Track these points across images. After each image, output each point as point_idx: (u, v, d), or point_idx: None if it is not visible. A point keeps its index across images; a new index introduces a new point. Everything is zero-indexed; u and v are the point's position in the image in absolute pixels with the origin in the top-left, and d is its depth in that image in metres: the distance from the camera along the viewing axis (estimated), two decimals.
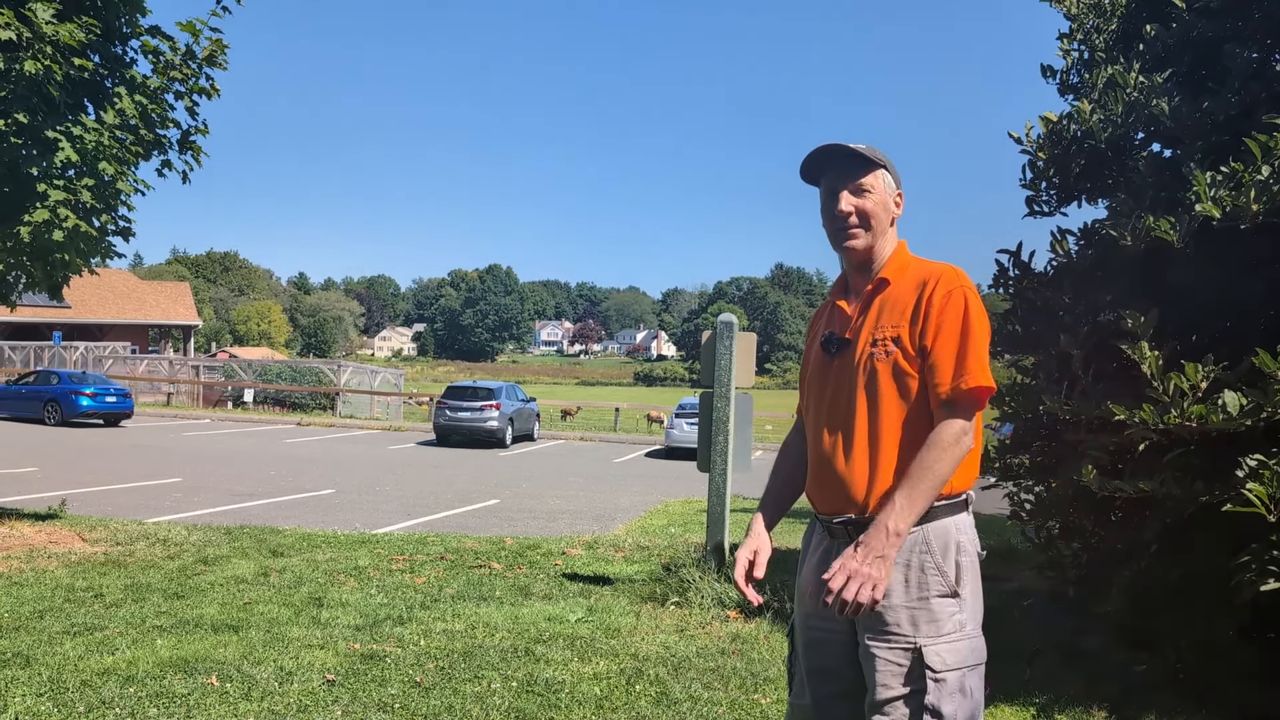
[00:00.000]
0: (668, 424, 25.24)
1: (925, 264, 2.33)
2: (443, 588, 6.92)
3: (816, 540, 2.39)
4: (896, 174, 2.39)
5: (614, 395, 70.93)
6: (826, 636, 2.31)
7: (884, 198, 2.33)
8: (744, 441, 7.32)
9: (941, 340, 2.18)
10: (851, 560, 2.08)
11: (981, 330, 2.19)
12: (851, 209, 2.31)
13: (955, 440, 2.13)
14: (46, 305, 36.15)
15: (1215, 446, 4.32)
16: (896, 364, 2.20)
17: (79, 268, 7.90)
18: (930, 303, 2.20)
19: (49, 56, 6.86)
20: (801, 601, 2.41)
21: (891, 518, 2.08)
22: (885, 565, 2.07)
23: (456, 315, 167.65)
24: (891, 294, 2.28)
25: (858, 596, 2.04)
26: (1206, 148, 4.81)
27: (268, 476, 15.41)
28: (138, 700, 4.29)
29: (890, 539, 2.07)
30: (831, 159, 2.35)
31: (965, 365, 2.15)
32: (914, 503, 2.09)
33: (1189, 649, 4.88)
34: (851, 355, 2.28)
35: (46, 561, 7.34)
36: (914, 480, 2.10)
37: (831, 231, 2.36)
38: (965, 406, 2.15)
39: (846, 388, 2.27)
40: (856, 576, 2.06)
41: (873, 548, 2.07)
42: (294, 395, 33.82)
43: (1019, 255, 5.74)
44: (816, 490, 2.35)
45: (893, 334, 2.22)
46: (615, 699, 4.57)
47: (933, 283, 2.23)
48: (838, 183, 2.33)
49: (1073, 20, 6.12)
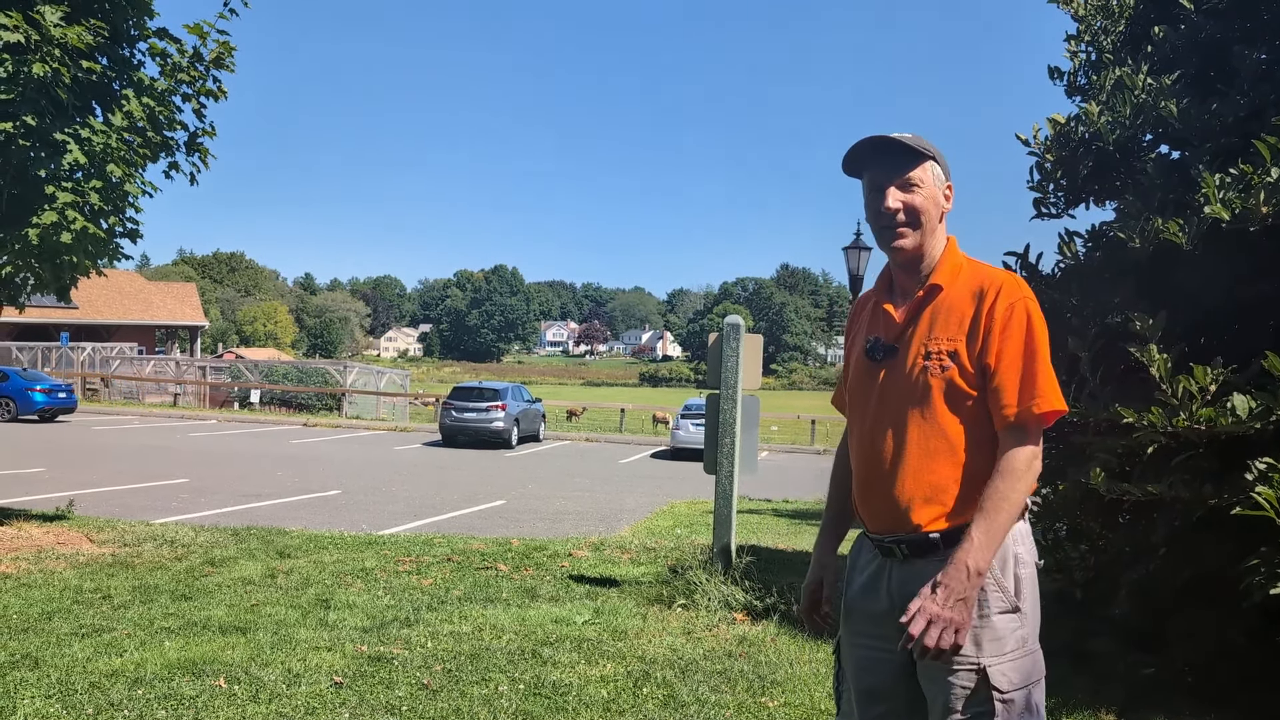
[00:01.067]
0: (673, 425, 25.25)
1: (980, 268, 2.20)
2: (449, 589, 6.93)
3: (866, 557, 2.27)
4: (946, 164, 2.23)
5: (619, 396, 70.92)
6: (877, 656, 2.21)
7: (933, 192, 2.18)
8: (750, 444, 7.32)
9: (1007, 359, 2.07)
10: (931, 603, 1.96)
11: (1046, 346, 2.09)
12: (899, 206, 2.16)
13: (1028, 466, 2.04)
14: (54, 306, 36.23)
15: (1224, 449, 4.30)
16: (952, 380, 2.10)
17: (87, 269, 7.92)
18: (991, 317, 2.08)
19: (57, 59, 6.88)
20: (849, 620, 2.30)
21: (971, 556, 1.97)
22: (967, 608, 1.97)
23: (462, 316, 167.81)
24: (945, 302, 2.16)
25: (939, 643, 1.94)
26: (1215, 150, 4.80)
27: (274, 477, 15.44)
28: (146, 702, 4.30)
29: (971, 579, 1.96)
30: (876, 151, 2.19)
31: (1036, 386, 2.05)
32: (993, 537, 1.99)
33: (1197, 652, 4.87)
34: (901, 366, 2.16)
35: (54, 563, 7.36)
36: (990, 513, 2.00)
37: (877, 230, 2.22)
38: (1035, 430, 2.06)
39: (895, 400, 2.16)
40: (938, 621, 1.94)
41: (953, 590, 1.96)
42: (300, 396, 33.87)
43: (1026, 257, 5.73)
44: (865, 506, 2.24)
45: (948, 347, 2.11)
46: (622, 702, 4.57)
47: (992, 293, 2.10)
48: (883, 177, 2.18)
49: (1080, 22, 6.10)
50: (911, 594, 2.10)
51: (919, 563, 2.12)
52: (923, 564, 2.11)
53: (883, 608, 2.18)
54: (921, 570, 2.11)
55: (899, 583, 2.15)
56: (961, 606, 1.96)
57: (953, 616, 1.95)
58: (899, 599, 2.13)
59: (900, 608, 2.12)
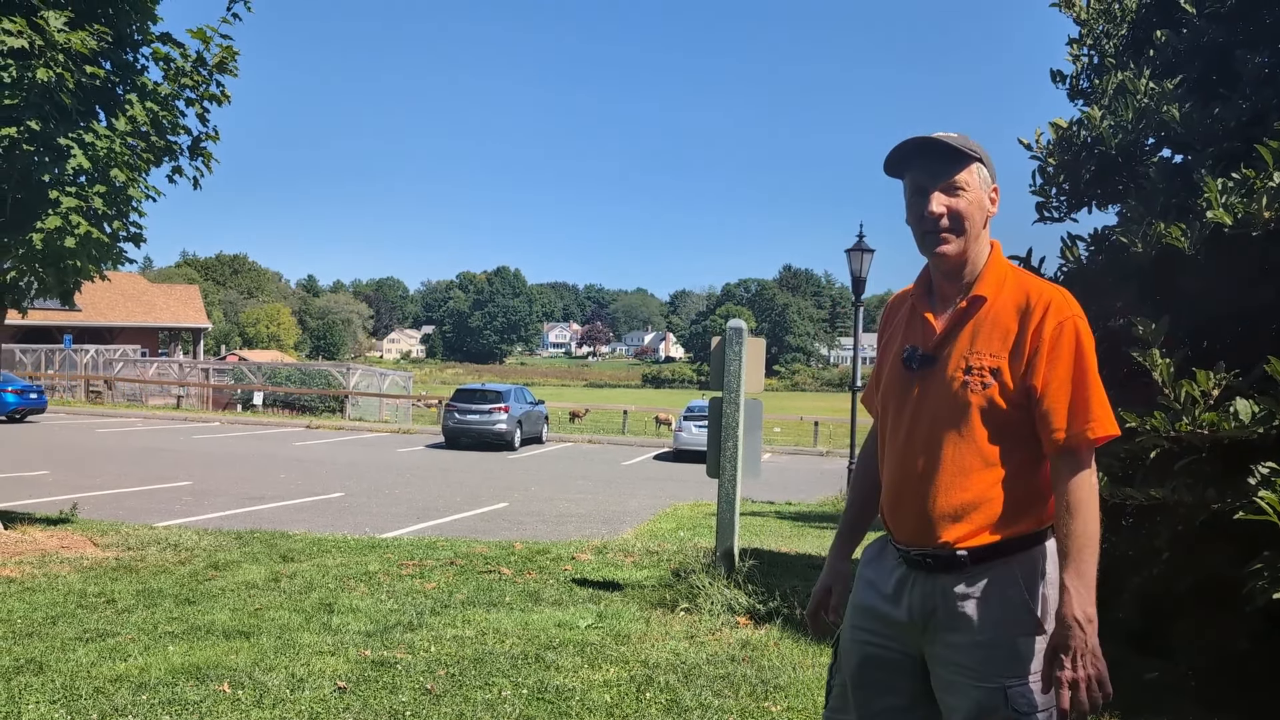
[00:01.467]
0: (676, 426, 25.26)
1: (1026, 279, 2.13)
2: (453, 593, 6.93)
3: (891, 563, 2.23)
4: (992, 166, 2.15)
5: (622, 397, 70.94)
6: (886, 655, 2.20)
7: (979, 196, 2.10)
8: (753, 447, 7.33)
9: (1057, 382, 2.01)
10: (1066, 672, 1.92)
11: (1095, 366, 2.04)
12: (944, 210, 2.08)
13: (1092, 493, 1.99)
14: (57, 309, 36.24)
15: (1227, 454, 4.30)
16: (992, 399, 2.04)
17: (91, 274, 7.94)
18: (1040, 336, 2.02)
19: (61, 64, 6.90)
20: (857, 616, 2.27)
21: (1076, 608, 1.93)
22: (1096, 657, 1.92)
23: (465, 317, 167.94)
24: (989, 315, 2.09)
25: (1094, 700, 1.91)
26: (1218, 154, 4.80)
27: (277, 479, 15.46)
28: (150, 708, 4.31)
29: (1086, 629, 1.92)
30: (920, 152, 2.11)
31: (1090, 411, 2.00)
32: (1087, 580, 1.95)
33: (1201, 656, 4.87)
34: (940, 379, 2.11)
35: (59, 567, 7.38)
36: (1076, 555, 1.96)
37: (919, 235, 2.14)
38: (1088, 453, 2.01)
39: (931, 413, 2.11)
40: (1081, 683, 1.91)
41: (1076, 649, 1.92)
42: (303, 398, 33.93)
43: (1029, 261, 5.73)
44: (893, 515, 2.19)
45: (991, 364, 2.05)
46: (625, 706, 4.57)
47: (1039, 310, 2.04)
48: (928, 180, 2.10)
49: (1082, 25, 6.10)
50: (933, 609, 2.10)
51: (944, 578, 2.10)
52: (948, 579, 2.09)
53: (900, 617, 2.16)
54: (946, 585, 2.09)
55: (921, 596, 2.13)
56: (1091, 659, 1.92)
57: (1090, 673, 1.92)
58: (919, 613, 2.12)
59: (918, 621, 2.12)
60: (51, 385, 35.17)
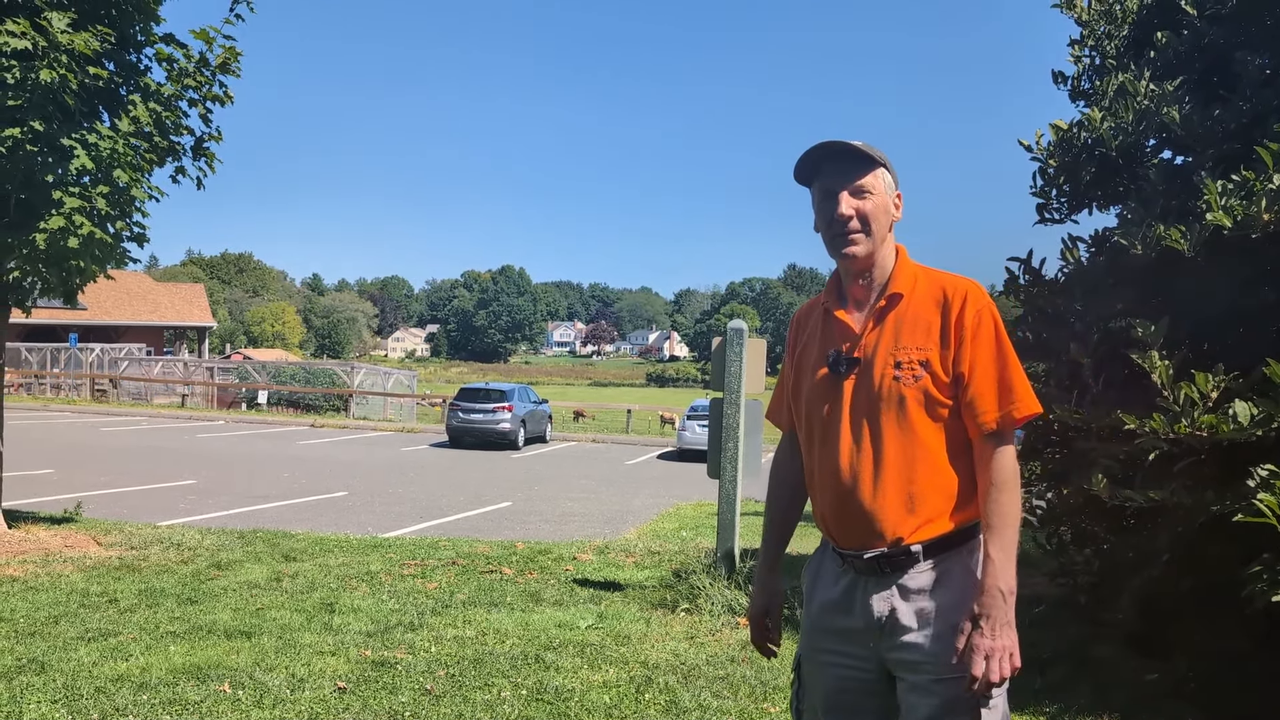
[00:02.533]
0: (679, 426, 25.24)
1: (936, 275, 2.20)
2: (454, 593, 6.95)
3: (834, 573, 2.24)
4: (895, 173, 2.21)
5: (626, 396, 70.96)
6: (848, 673, 2.21)
7: (884, 200, 2.16)
8: (754, 448, 7.33)
9: (981, 367, 2.08)
10: (982, 639, 1.98)
11: (1012, 349, 2.11)
12: (852, 212, 2.13)
13: (1015, 470, 2.07)
14: (63, 308, 36.29)
15: (1226, 456, 4.30)
16: (926, 390, 2.09)
17: (94, 274, 7.95)
18: (961, 324, 2.09)
19: (64, 65, 6.92)
20: (814, 638, 2.28)
21: (1000, 578, 2.00)
22: (1011, 630, 1.99)
23: (469, 316, 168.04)
24: (909, 310, 2.15)
25: (1001, 673, 1.97)
26: (1218, 156, 4.79)
27: (281, 478, 15.49)
28: (151, 707, 4.32)
29: (1008, 599, 1.99)
30: (827, 157, 2.17)
31: (1014, 392, 2.07)
32: (1009, 553, 2.02)
33: (1200, 658, 4.87)
34: (869, 378, 2.13)
35: (62, 566, 7.40)
36: (1000, 529, 2.03)
37: (829, 237, 2.19)
38: (1011, 433, 2.09)
39: (867, 412, 2.13)
40: (994, 654, 1.97)
41: (996, 617, 1.98)
42: (307, 397, 33.94)
43: (1029, 262, 5.73)
44: (837, 524, 2.18)
45: (919, 356, 2.10)
46: (625, 707, 4.58)
47: (958, 301, 2.11)
48: (835, 183, 2.15)
49: (1084, 26, 6.10)
50: (886, 612, 2.12)
51: (894, 576, 2.12)
52: (900, 578, 2.12)
53: (856, 625, 2.17)
54: (899, 584, 2.11)
55: (876, 600, 2.14)
56: (1007, 630, 1.99)
57: (1004, 644, 1.98)
58: (874, 616, 2.13)
59: (874, 625, 2.13)
60: (57, 384, 35.28)
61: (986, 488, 2.07)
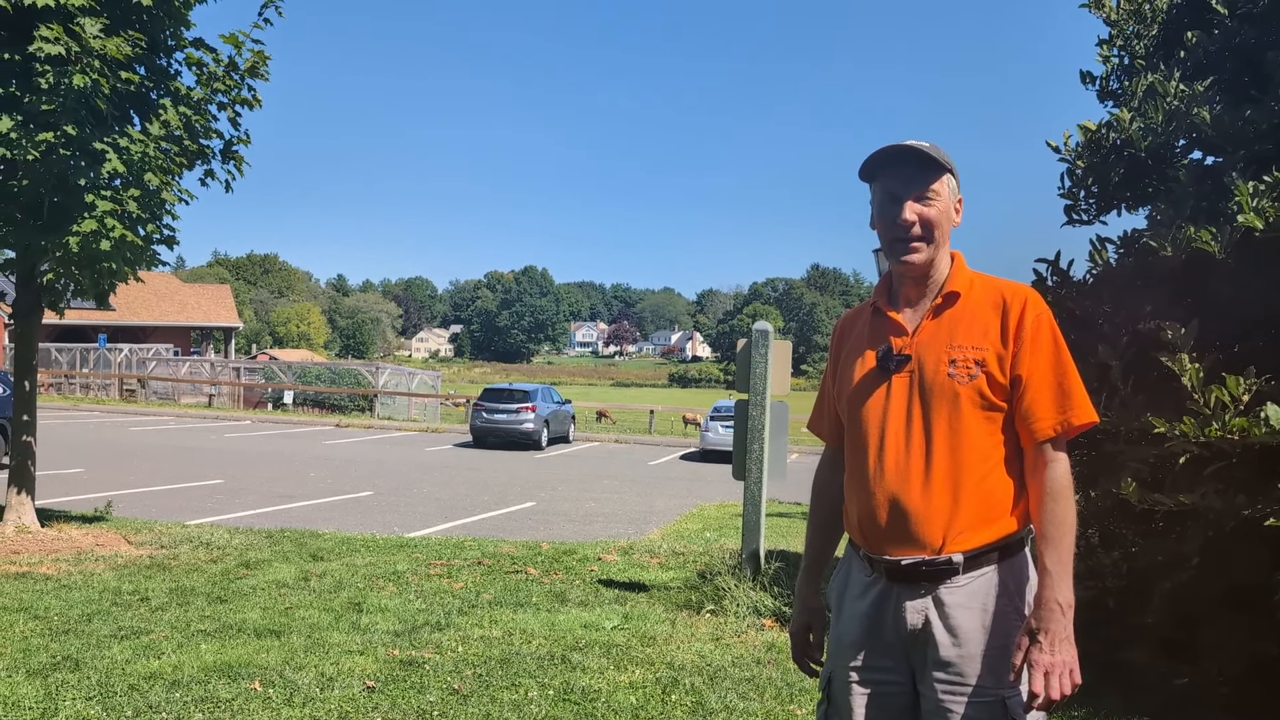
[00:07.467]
0: (703, 426, 25.19)
1: (994, 280, 2.15)
2: (480, 593, 6.98)
3: (863, 583, 2.16)
4: (959, 178, 2.16)
5: (649, 397, 70.91)
6: (882, 689, 2.13)
7: (947, 206, 2.12)
8: (779, 449, 7.33)
9: (1040, 372, 2.03)
10: (1041, 654, 1.92)
11: (1070, 357, 2.06)
12: (915, 219, 2.08)
13: (1070, 480, 2.01)
14: (92, 309, 36.65)
15: (1258, 460, 4.26)
16: (981, 390, 2.03)
17: (125, 276, 8.07)
18: (1021, 328, 2.04)
19: (97, 70, 7.02)
20: (843, 654, 2.18)
21: (1057, 591, 1.95)
22: (1071, 645, 1.94)
23: (493, 316, 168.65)
24: (965, 310, 2.10)
25: (1062, 689, 1.92)
26: (1249, 157, 4.75)
27: (307, 478, 15.61)
28: (183, 705, 4.38)
29: (1066, 614, 1.94)
30: (894, 160, 2.11)
31: (1071, 399, 2.02)
32: (1066, 564, 1.96)
33: (1231, 662, 4.82)
34: (922, 374, 2.07)
35: (94, 564, 7.50)
36: (1057, 540, 1.98)
37: (889, 241, 2.13)
38: (1065, 442, 2.04)
39: (917, 411, 2.07)
40: (1055, 669, 1.92)
41: (1055, 633, 1.93)
42: (333, 397, 34.17)
43: (1057, 264, 5.69)
44: (875, 527, 2.09)
45: (975, 355, 2.04)
46: (651, 708, 4.60)
47: (1017, 305, 2.06)
48: (901, 187, 2.09)
49: (1113, 26, 6.05)
50: (919, 624, 2.05)
51: (931, 586, 2.05)
52: (936, 589, 2.04)
53: (889, 639, 2.10)
54: (934, 596, 2.04)
55: (910, 610, 2.07)
56: (1067, 645, 1.94)
57: (1064, 659, 1.93)
58: (906, 627, 2.07)
59: (907, 637, 2.06)
60: (86, 384, 35.68)
61: (1041, 496, 2.01)
